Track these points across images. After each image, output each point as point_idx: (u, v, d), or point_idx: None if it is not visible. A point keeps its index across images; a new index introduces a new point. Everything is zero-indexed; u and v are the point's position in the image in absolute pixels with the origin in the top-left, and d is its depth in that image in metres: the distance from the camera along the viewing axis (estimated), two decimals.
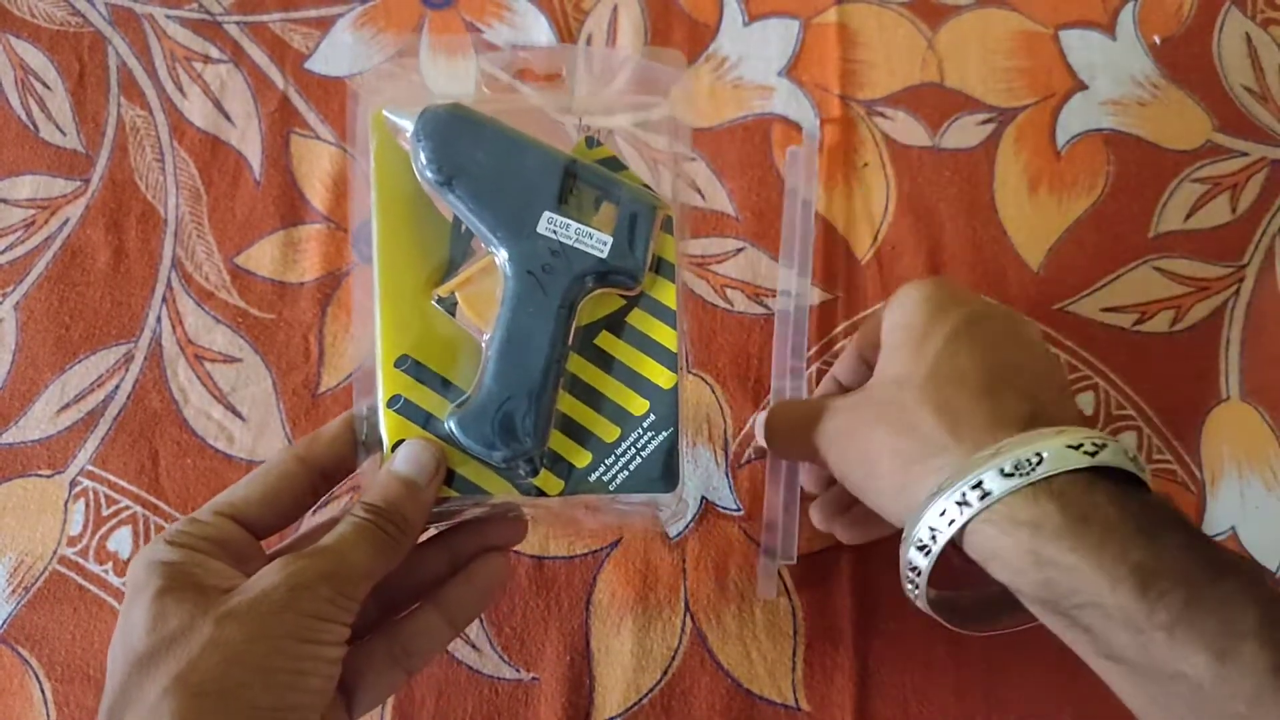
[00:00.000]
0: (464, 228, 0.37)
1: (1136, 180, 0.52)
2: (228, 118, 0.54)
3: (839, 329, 0.49)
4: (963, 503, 0.32)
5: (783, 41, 0.55)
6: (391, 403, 0.36)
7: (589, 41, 0.56)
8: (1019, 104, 0.54)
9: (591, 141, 0.39)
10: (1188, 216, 0.51)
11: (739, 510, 0.47)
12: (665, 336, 0.37)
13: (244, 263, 0.51)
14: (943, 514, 0.32)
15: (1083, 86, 0.54)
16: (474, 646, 0.45)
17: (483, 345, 0.37)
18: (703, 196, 0.51)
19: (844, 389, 0.43)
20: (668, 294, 0.37)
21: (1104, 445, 0.31)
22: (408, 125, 0.36)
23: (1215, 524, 0.46)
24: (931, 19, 0.56)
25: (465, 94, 0.38)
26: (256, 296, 0.51)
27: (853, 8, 0.56)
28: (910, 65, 0.55)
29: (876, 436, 0.35)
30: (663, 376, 0.37)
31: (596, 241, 0.36)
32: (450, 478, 0.36)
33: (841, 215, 0.51)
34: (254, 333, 0.50)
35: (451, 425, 0.36)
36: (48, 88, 0.55)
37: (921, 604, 0.35)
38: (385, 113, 0.37)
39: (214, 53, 0.56)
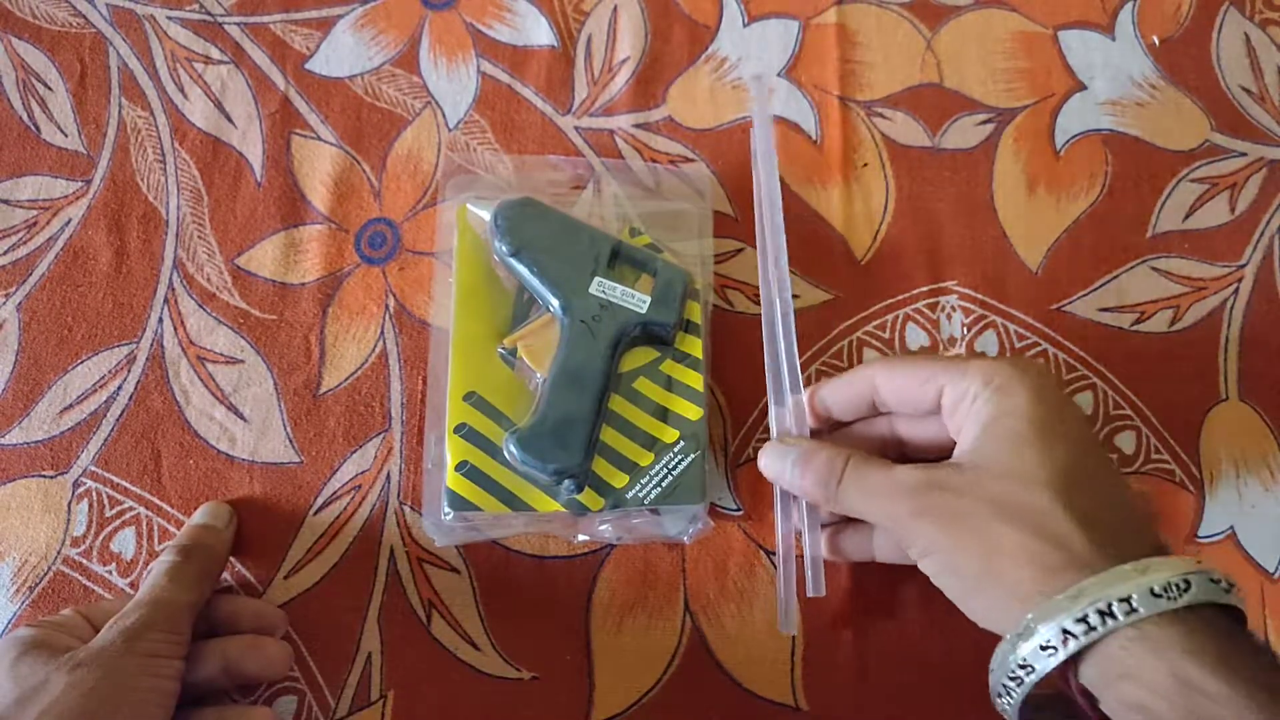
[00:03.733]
0: (525, 296, 0.47)
1: (1135, 180, 0.52)
2: (229, 119, 0.54)
3: (839, 329, 0.50)
4: (1107, 613, 0.31)
5: (782, 42, 0.55)
6: (458, 429, 0.45)
7: (589, 42, 0.56)
8: (1018, 104, 0.54)
9: (635, 231, 0.48)
10: (1186, 216, 0.52)
11: (739, 510, 0.47)
12: (693, 380, 0.46)
13: (245, 264, 0.51)
14: (1082, 619, 0.31)
15: (1082, 87, 0.54)
16: (474, 646, 0.45)
17: (536, 387, 0.45)
18: (702, 197, 0.52)
19: (835, 420, 0.43)
20: (695, 347, 0.46)
21: (1232, 585, 0.32)
22: (486, 213, 0.47)
23: (1213, 524, 0.46)
24: (931, 19, 0.56)
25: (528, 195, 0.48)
26: (258, 297, 0.51)
27: (852, 8, 0.56)
28: (910, 66, 0.55)
29: (1002, 533, 0.34)
30: (691, 411, 0.45)
31: (637, 301, 0.45)
32: (507, 498, 0.44)
33: (841, 215, 0.52)
34: (255, 333, 0.50)
35: (511, 444, 0.43)
36: (49, 89, 0.55)
37: (1010, 707, 0.35)
38: (469, 205, 0.48)
39: (215, 54, 0.56)
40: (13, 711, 0.35)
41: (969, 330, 0.49)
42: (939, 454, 0.39)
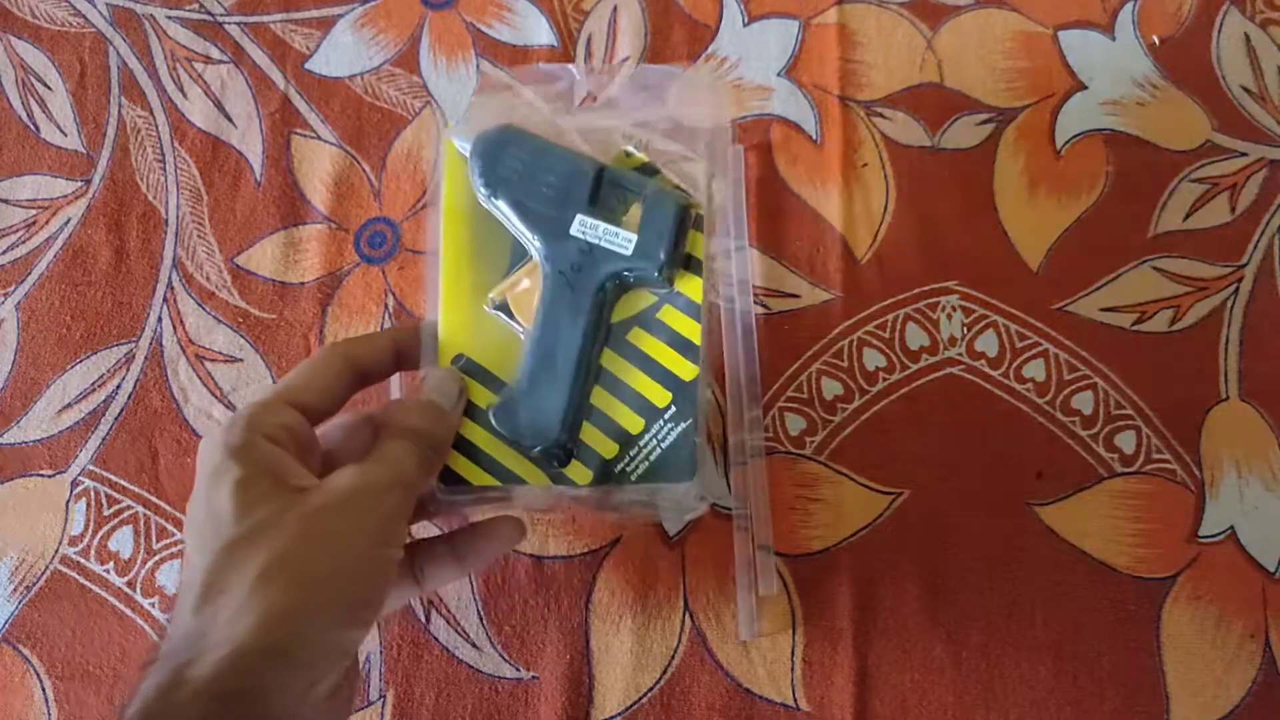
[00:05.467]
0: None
1: (1136, 180, 0.52)
2: (228, 118, 0.54)
3: (839, 329, 0.49)
4: None
5: (782, 42, 0.55)
6: None
7: (589, 42, 0.56)
8: (1018, 104, 0.54)
9: (630, 152, 0.40)
10: (1187, 216, 0.51)
11: (742, 510, 0.47)
12: (689, 329, 0.39)
13: (245, 263, 0.51)
14: None
15: (1082, 87, 0.54)
16: (474, 645, 0.45)
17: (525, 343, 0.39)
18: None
19: None
20: (694, 288, 0.39)
21: None
22: (466, 147, 0.40)
23: (1214, 524, 0.46)
24: (931, 19, 0.56)
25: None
26: (257, 296, 0.51)
27: (852, 8, 0.56)
28: (909, 65, 0.55)
29: None
30: (685, 369, 0.39)
31: (622, 240, 0.38)
32: (492, 465, 0.39)
33: (841, 215, 0.51)
34: (254, 333, 0.50)
35: (491, 417, 0.39)
36: (49, 88, 0.55)
37: None
38: (453, 139, 0.41)
39: (215, 53, 0.56)
40: (240, 545, 0.31)
41: (969, 330, 0.49)
42: None
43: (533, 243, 0.39)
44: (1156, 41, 0.55)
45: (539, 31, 0.56)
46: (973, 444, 0.47)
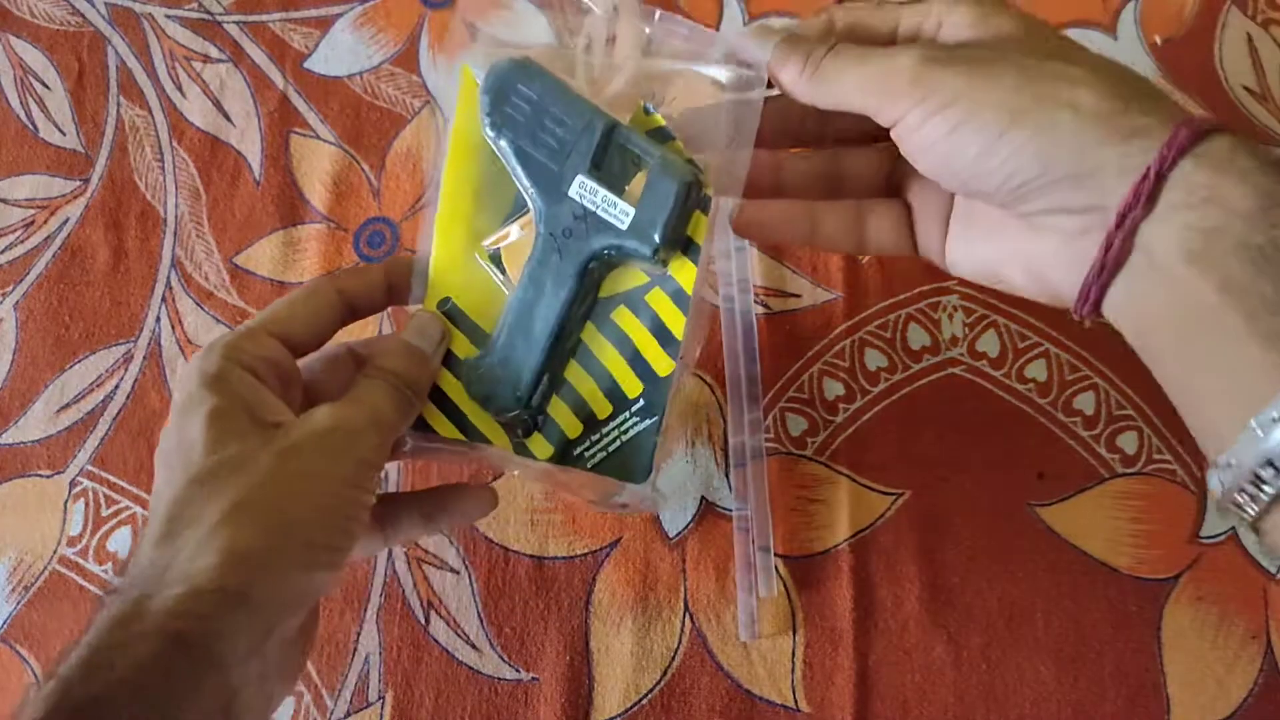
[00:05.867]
0: None
1: None
2: (227, 117, 0.54)
3: (840, 329, 0.49)
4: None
5: None
6: None
7: (588, 42, 0.55)
8: None
9: (648, 108, 0.37)
10: None
11: (742, 510, 0.47)
12: (674, 321, 0.36)
13: (243, 262, 0.51)
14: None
15: None
16: (474, 646, 0.45)
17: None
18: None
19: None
20: (686, 276, 0.36)
21: None
22: (481, 76, 0.36)
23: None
24: None
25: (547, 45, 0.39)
26: (256, 296, 0.51)
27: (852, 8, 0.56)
28: None
29: (1042, 65, 0.31)
30: (661, 362, 0.36)
31: (619, 211, 0.35)
32: (461, 421, 0.37)
33: None
34: None
35: (462, 371, 0.37)
36: (47, 87, 0.55)
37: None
38: (469, 64, 0.37)
39: (213, 52, 0.56)
40: (208, 479, 0.30)
41: (971, 330, 0.49)
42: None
43: (530, 196, 0.36)
44: (1158, 41, 0.55)
45: (539, 31, 0.56)
46: (974, 444, 0.47)
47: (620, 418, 0.36)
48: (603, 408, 0.36)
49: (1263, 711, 0.43)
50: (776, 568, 0.45)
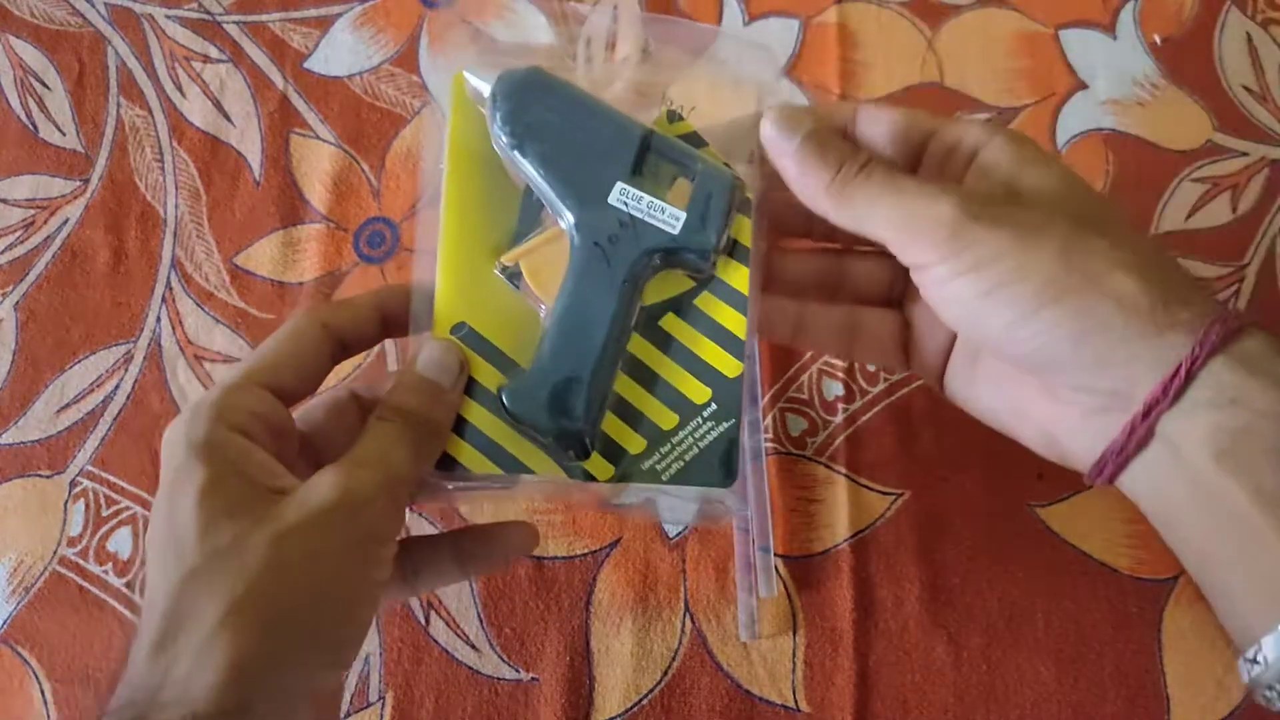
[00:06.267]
0: (535, 197, 0.36)
1: (1137, 180, 0.52)
2: (227, 118, 0.54)
3: None
4: None
5: (783, 41, 0.55)
6: None
7: (589, 41, 0.55)
8: (1019, 104, 0.54)
9: (673, 115, 0.36)
10: (1188, 216, 0.51)
11: (740, 511, 0.47)
12: (734, 323, 0.35)
13: (243, 263, 0.51)
14: None
15: (1083, 86, 0.54)
16: (474, 646, 0.45)
17: (543, 318, 0.35)
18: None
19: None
20: (740, 278, 0.35)
21: None
22: (486, 87, 0.35)
23: None
24: (931, 19, 0.56)
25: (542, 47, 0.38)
26: (256, 296, 0.51)
27: (852, 7, 0.56)
28: (910, 65, 0.55)
29: (1089, 240, 0.30)
30: (728, 365, 0.35)
31: (669, 217, 0.34)
32: (494, 451, 0.35)
33: None
34: (253, 333, 0.50)
35: (503, 397, 0.34)
36: (47, 88, 0.55)
37: None
38: (465, 73, 0.36)
39: (213, 52, 0.56)
40: (202, 575, 0.27)
41: None
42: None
43: (562, 207, 0.35)
44: (1158, 41, 0.55)
45: (539, 31, 0.56)
46: (973, 445, 0.47)
47: (691, 425, 0.35)
48: (666, 418, 0.35)
49: (1262, 712, 0.43)
50: (776, 568, 0.45)
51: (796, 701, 0.44)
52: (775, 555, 0.45)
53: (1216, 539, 0.30)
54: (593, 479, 0.35)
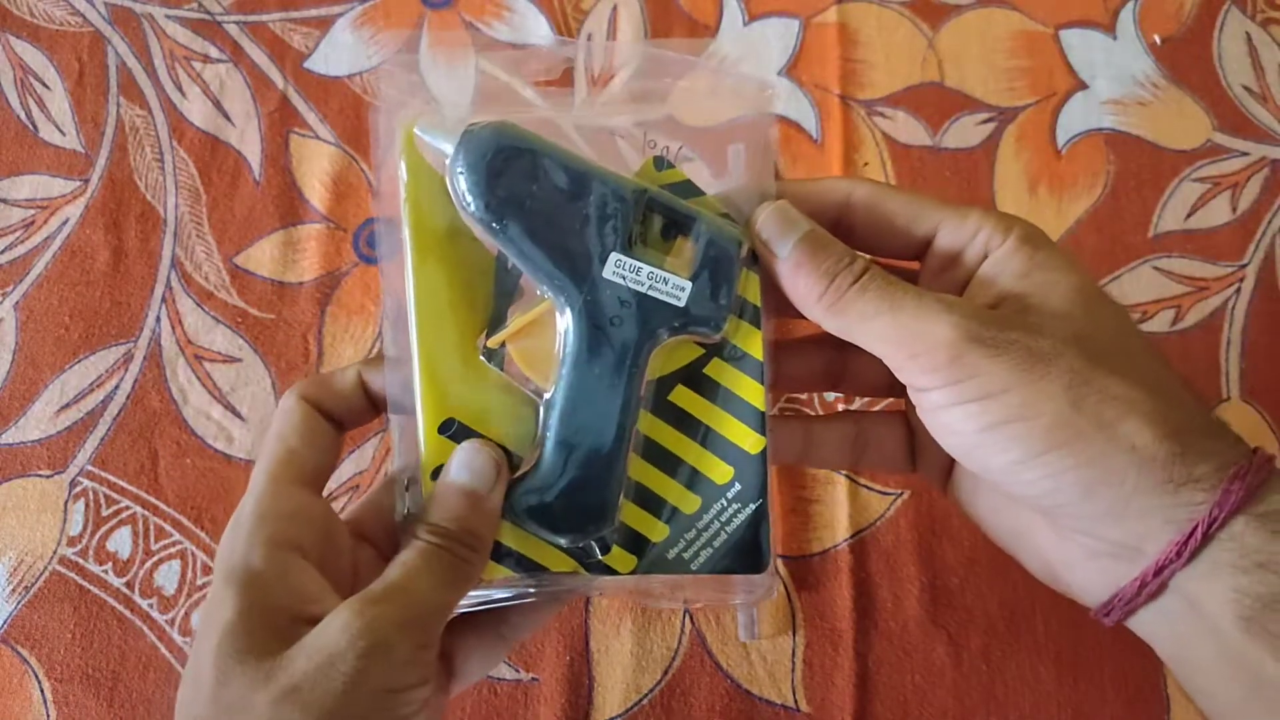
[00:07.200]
0: (511, 263, 0.32)
1: (1137, 180, 0.52)
2: (227, 117, 0.54)
3: None
4: None
5: (783, 41, 0.55)
6: (436, 474, 0.32)
7: (589, 41, 0.56)
8: (1019, 104, 0.54)
9: (661, 163, 0.33)
10: (1188, 216, 0.51)
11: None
12: (750, 392, 0.32)
13: (243, 263, 0.51)
14: None
15: (1083, 86, 0.54)
16: None
17: (540, 405, 0.32)
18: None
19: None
20: (753, 342, 0.32)
21: None
22: (446, 148, 0.31)
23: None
24: (932, 19, 0.56)
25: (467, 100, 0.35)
26: (256, 296, 0.51)
27: (852, 7, 0.56)
28: (910, 65, 0.55)
29: (1097, 376, 0.28)
30: (748, 439, 0.32)
31: (673, 288, 0.31)
32: (505, 555, 0.32)
33: None
34: (253, 333, 0.50)
35: (517, 511, 0.32)
36: (47, 88, 0.55)
37: None
38: (417, 132, 0.32)
39: (213, 52, 0.56)
40: None
41: None
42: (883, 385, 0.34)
43: (553, 289, 0.31)
44: (1158, 41, 0.55)
45: (539, 31, 0.56)
46: None
47: (715, 508, 0.32)
48: (689, 502, 0.32)
49: None
50: (776, 568, 0.45)
51: (796, 701, 0.44)
52: (776, 556, 0.45)
53: (1240, 699, 0.28)
54: (614, 573, 0.32)
